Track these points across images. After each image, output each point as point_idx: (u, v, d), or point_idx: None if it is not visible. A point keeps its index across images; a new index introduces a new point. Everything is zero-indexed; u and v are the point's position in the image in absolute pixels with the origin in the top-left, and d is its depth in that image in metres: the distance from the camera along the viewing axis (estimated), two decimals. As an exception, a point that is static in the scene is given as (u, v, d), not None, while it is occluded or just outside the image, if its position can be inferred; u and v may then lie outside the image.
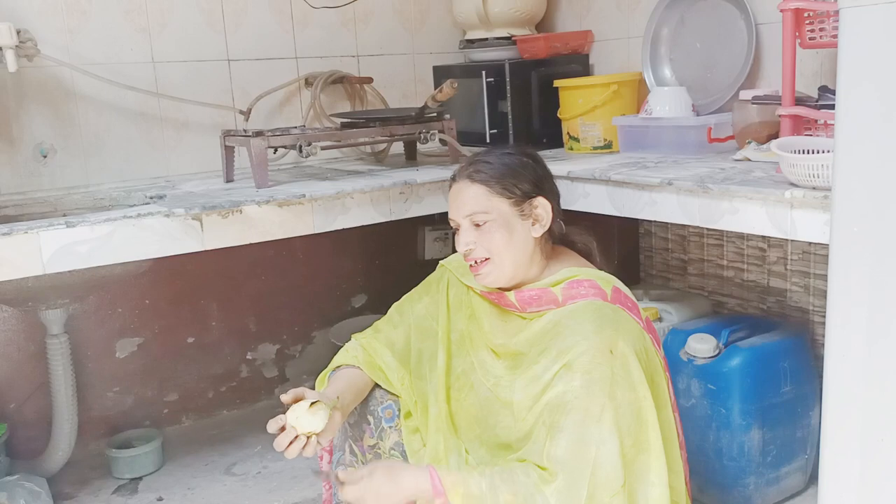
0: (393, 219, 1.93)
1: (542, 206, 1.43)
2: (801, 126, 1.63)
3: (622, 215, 1.79)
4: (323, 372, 1.56)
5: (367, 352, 1.56)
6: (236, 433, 2.39)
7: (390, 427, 1.52)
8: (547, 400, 1.30)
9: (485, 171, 1.42)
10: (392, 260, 2.73)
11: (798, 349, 1.96)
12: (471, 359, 1.49)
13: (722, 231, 2.27)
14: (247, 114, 2.36)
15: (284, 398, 1.35)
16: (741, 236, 2.23)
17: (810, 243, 2.05)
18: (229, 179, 2.06)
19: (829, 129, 1.56)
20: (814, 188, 1.37)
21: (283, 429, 1.32)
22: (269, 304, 2.60)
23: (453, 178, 1.47)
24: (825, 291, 2.01)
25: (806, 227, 1.41)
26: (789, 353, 1.93)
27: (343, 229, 1.87)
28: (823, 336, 2.03)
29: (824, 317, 2.02)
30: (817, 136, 1.60)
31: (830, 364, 1.18)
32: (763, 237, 2.16)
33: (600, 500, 1.25)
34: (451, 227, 1.46)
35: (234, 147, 2.04)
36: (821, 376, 2.02)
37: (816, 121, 1.61)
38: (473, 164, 1.44)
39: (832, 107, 1.62)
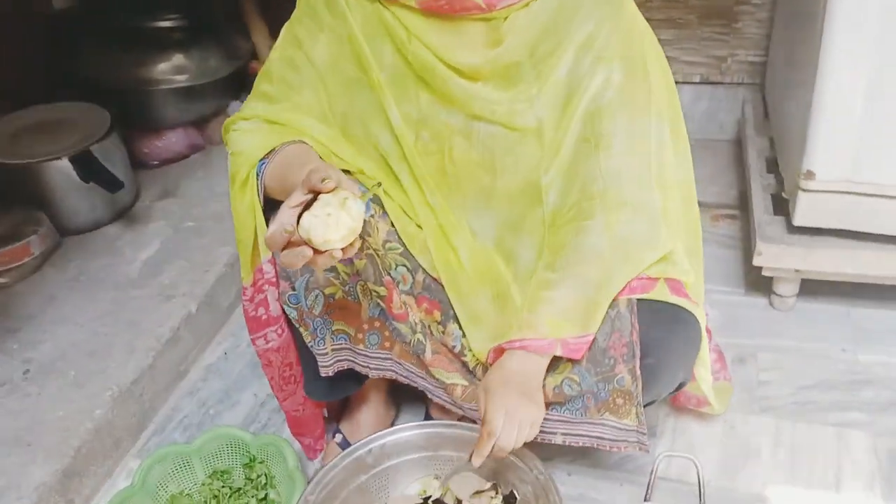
0: None
1: None
2: None
3: None
4: (242, 171, 1.08)
5: (285, 126, 1.12)
6: None
7: (372, 217, 1.13)
8: (584, 107, 1.08)
9: None
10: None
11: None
12: (429, 95, 1.10)
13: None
14: None
15: (315, 181, 0.89)
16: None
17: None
18: None
19: None
20: None
21: (291, 244, 0.90)
22: None
23: None
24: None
25: None
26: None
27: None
28: None
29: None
30: None
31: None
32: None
33: (670, 199, 1.15)
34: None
35: None
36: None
37: None
38: None
39: None
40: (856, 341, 1.61)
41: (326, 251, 0.89)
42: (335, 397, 1.32)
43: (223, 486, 1.30)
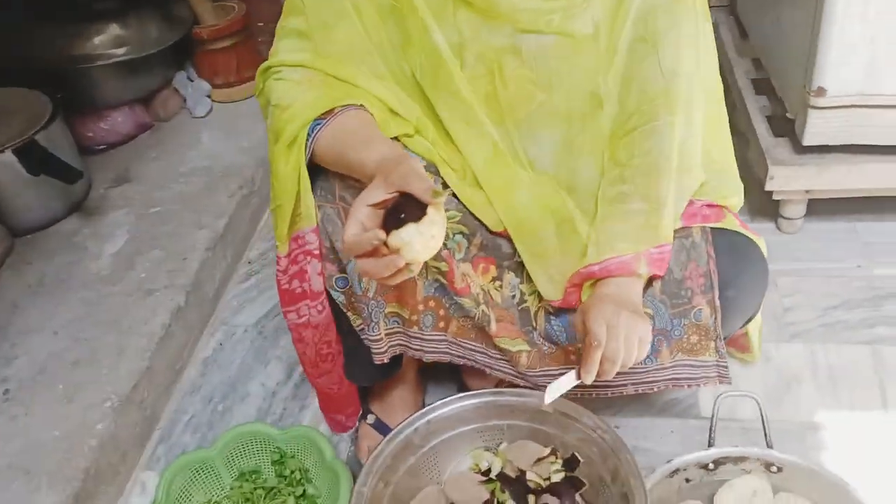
0: None
1: None
2: None
3: None
4: (289, 128, 0.97)
5: (338, 80, 1.02)
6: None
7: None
8: (637, 5, 1.01)
9: None
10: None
11: None
12: (468, 14, 1.02)
13: None
14: None
15: (422, 192, 0.82)
16: None
17: None
18: None
19: None
20: None
21: (376, 251, 0.82)
22: None
23: None
24: None
25: None
26: None
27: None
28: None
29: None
30: None
31: None
32: None
33: (709, 109, 1.10)
34: None
35: None
36: None
37: None
38: None
39: None
40: (867, 256, 1.60)
41: (406, 265, 0.83)
42: (378, 380, 1.23)
43: (255, 488, 1.21)
